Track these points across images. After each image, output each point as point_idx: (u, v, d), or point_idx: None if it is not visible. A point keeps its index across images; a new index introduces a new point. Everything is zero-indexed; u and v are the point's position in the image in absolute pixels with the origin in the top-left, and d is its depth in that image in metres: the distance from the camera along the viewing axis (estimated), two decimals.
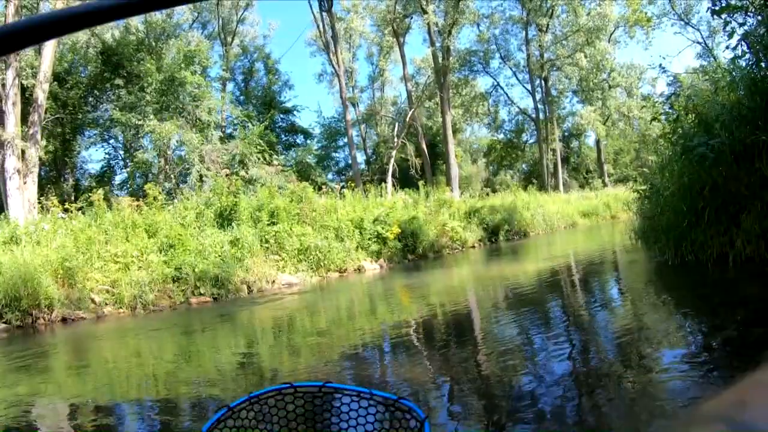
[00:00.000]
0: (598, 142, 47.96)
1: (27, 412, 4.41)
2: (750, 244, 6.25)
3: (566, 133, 48.81)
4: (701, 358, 3.72)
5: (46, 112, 20.53)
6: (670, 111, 8.74)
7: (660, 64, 9.38)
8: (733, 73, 7.75)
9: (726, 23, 8.18)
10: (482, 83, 45.23)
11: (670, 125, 8.50)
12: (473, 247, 19.75)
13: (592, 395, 3.36)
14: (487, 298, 8.64)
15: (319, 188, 18.42)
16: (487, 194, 27.60)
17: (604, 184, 43.48)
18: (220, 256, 11.92)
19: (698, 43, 38.75)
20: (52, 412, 4.45)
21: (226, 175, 16.83)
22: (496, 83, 44.63)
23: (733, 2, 7.81)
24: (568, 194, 33.23)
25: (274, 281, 12.58)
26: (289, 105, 37.91)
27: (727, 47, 8.35)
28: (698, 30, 38.49)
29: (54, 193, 20.26)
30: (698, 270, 6.72)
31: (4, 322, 8.78)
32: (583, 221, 26.31)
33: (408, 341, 5.92)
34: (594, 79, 41.00)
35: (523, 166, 53.07)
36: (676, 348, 4.05)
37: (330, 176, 40.48)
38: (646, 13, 35.95)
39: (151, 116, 22.66)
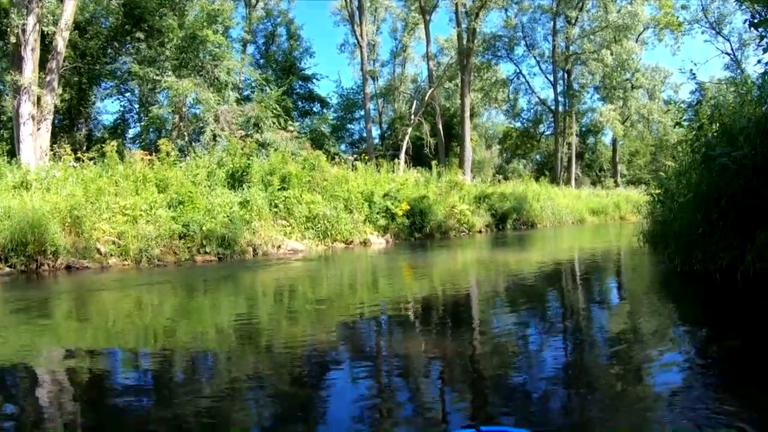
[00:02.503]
0: (614, 141, 47.62)
1: (24, 357, 4.41)
2: (761, 260, 6.17)
3: (583, 129, 48.42)
4: (701, 368, 3.67)
5: (64, 61, 20.44)
6: (694, 118, 8.60)
7: (691, 70, 9.26)
8: (762, 88, 7.61)
9: (762, 37, 8.02)
10: (504, 69, 44.88)
11: (693, 132, 8.37)
12: (480, 231, 19.71)
13: (581, 395, 3.31)
14: (488, 284, 8.60)
15: (332, 158, 18.34)
16: (499, 181, 27.54)
17: (616, 184, 43.31)
18: (228, 216, 11.90)
19: (727, 54, 38.20)
20: (47, 358, 4.44)
21: (241, 136, 16.78)
22: (518, 71, 44.30)
23: None
24: (579, 190, 33.11)
25: (279, 246, 12.58)
26: (308, 72, 37.71)
27: (759, 61, 8.22)
28: (728, 40, 37.91)
29: (66, 142, 20.28)
30: (706, 280, 6.63)
31: (9, 266, 8.81)
32: (592, 219, 26.21)
33: (406, 318, 5.90)
34: (617, 78, 40.44)
35: (537, 156, 52.85)
36: (676, 354, 3.99)
37: (343, 147, 40.42)
38: (677, 18, 35.40)
39: (169, 72, 22.55)
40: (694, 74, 9.31)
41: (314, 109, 37.74)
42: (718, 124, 7.69)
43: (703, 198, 7.17)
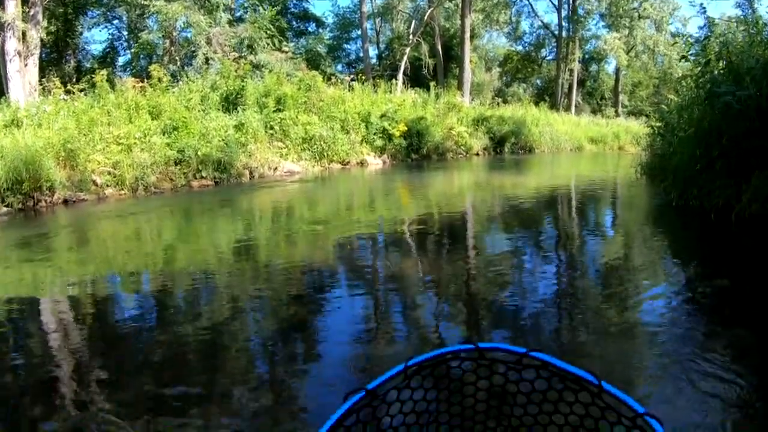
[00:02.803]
0: (617, 70, 46.31)
1: (27, 290, 4.46)
2: (756, 202, 6.12)
3: (586, 56, 47.02)
4: (689, 302, 3.68)
5: None
6: (701, 53, 8.35)
7: (701, 4, 8.89)
8: None
9: None
10: None
11: (699, 68, 8.14)
12: (477, 154, 19.66)
13: (571, 319, 3.41)
14: (483, 207, 8.64)
15: (329, 79, 18.00)
16: (498, 104, 27.14)
17: (617, 114, 42.56)
18: (223, 140, 11.81)
19: None
20: (50, 290, 4.52)
21: (234, 58, 16.43)
22: None
23: None
24: (579, 117, 32.62)
25: (276, 168, 12.56)
26: None
27: None
28: None
29: (55, 75, 19.83)
30: (700, 216, 6.62)
31: (6, 206, 8.75)
32: (590, 147, 26.03)
33: (402, 239, 5.97)
34: (624, 6, 38.89)
35: (538, 81, 51.60)
36: (665, 288, 4.03)
37: (340, 68, 39.50)
38: None
39: None
40: (704, 8, 8.96)
41: (309, 28, 36.61)
42: (725, 62, 7.48)
43: (704, 135, 7.10)
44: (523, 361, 1.15)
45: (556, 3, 40.90)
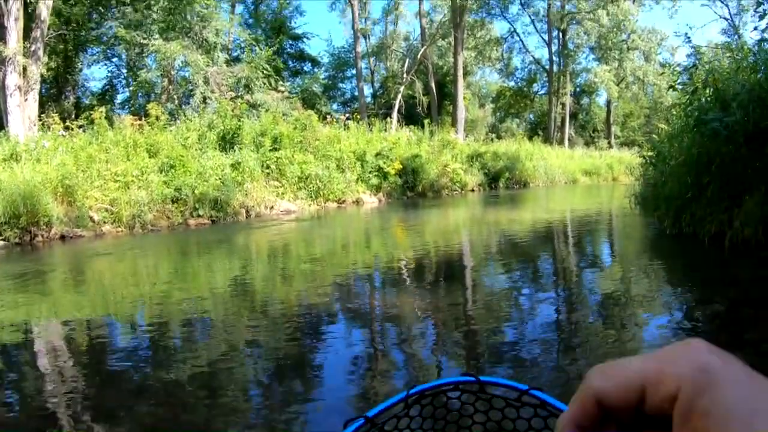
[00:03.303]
0: (608, 102, 47.09)
1: (23, 329, 4.47)
2: (748, 227, 6.22)
3: (578, 89, 47.84)
4: (685, 329, 3.74)
5: (49, 29, 20.04)
6: (689, 82, 8.56)
7: (686, 33, 9.13)
8: (758, 55, 7.56)
9: (759, 3, 7.98)
10: (498, 28, 44.16)
11: (687, 96, 8.34)
12: (473, 190, 19.82)
13: (569, 352, 3.42)
14: (479, 242, 8.70)
15: (324, 118, 18.22)
16: (492, 140, 27.50)
17: (610, 146, 43.09)
18: (220, 179, 11.91)
19: (725, 18, 37.43)
20: (45, 327, 4.52)
21: (231, 98, 16.65)
22: (512, 29, 43.44)
23: None
24: (572, 150, 33.07)
25: (272, 207, 12.64)
26: (299, 31, 37.06)
27: (755, 28, 8.18)
28: (726, 5, 37.09)
29: (55, 111, 19.99)
30: (694, 243, 6.71)
31: (3, 240, 8.80)
32: (585, 179, 26.30)
33: (398, 276, 5.99)
34: (613, 38, 39.78)
35: (531, 116, 52.29)
36: (662, 315, 4.08)
37: (335, 106, 39.97)
38: None
39: (156, 35, 22.16)
40: (689, 38, 9.19)
41: (305, 68, 37.26)
42: (712, 89, 7.64)
43: (695, 162, 7.20)
44: (523, 399, 1.17)
45: (547, 38, 41.69)
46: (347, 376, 3.09)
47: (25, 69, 17.53)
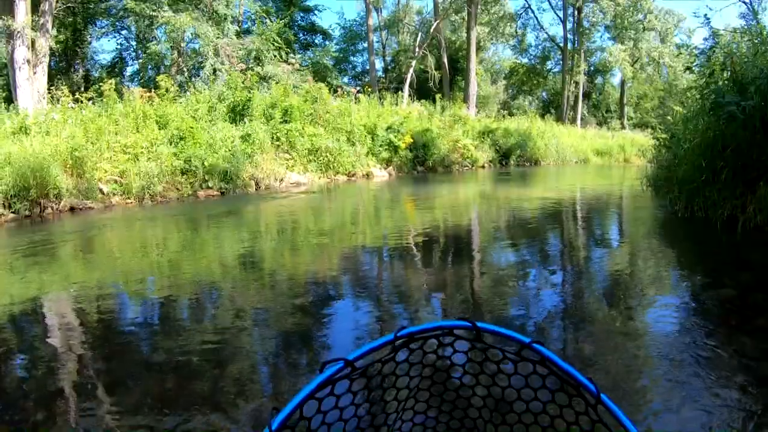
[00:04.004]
0: (622, 82, 46.47)
1: (33, 300, 4.47)
2: (761, 213, 6.12)
3: (591, 68, 47.14)
4: (696, 311, 3.67)
5: (57, 1, 19.95)
6: (706, 64, 8.36)
7: (705, 15, 8.90)
8: None
9: None
10: (513, 3, 43.44)
11: (703, 79, 8.15)
12: (483, 167, 19.70)
13: (576, 328, 3.40)
14: (488, 218, 8.63)
15: (335, 91, 18.09)
16: (504, 117, 27.25)
17: (623, 126, 42.66)
18: (230, 150, 11.87)
19: (744, 2, 36.65)
20: (56, 297, 4.53)
21: (241, 70, 16.53)
22: (527, 5, 42.86)
23: None
24: (584, 129, 32.79)
25: (282, 179, 12.59)
26: (310, 3, 36.68)
27: None
28: None
29: (64, 84, 19.97)
30: (706, 227, 6.60)
31: (13, 212, 8.80)
32: (596, 159, 26.05)
33: (407, 250, 5.95)
34: (629, 18, 39.05)
35: (543, 94, 51.70)
36: (671, 298, 4.02)
37: (346, 80, 39.77)
38: None
39: (166, 7, 21.96)
40: (708, 19, 8.94)
41: (316, 41, 36.85)
42: (729, 73, 7.47)
43: (709, 145, 7.08)
44: (523, 353, 1.07)
45: (562, 15, 41.11)
46: (353, 346, 3.04)
47: (33, 42, 17.42)
